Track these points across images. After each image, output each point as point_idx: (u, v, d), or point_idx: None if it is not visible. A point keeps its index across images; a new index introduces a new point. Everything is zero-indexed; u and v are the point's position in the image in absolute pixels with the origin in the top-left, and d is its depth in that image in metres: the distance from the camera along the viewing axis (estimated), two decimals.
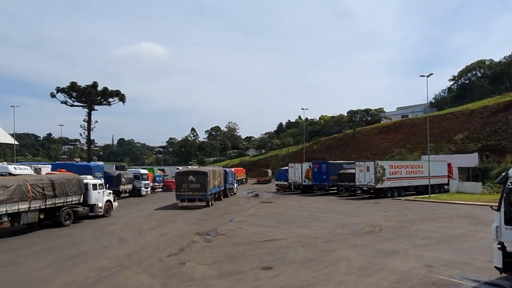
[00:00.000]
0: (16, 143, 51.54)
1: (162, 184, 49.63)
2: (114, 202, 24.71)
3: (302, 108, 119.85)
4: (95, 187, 22.60)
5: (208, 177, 28.39)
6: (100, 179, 25.16)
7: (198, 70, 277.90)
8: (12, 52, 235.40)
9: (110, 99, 67.21)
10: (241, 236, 16.50)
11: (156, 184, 47.71)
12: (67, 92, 64.44)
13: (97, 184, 23.02)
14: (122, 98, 67.30)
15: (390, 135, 73.54)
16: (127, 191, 38.40)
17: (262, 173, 72.12)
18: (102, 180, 25.26)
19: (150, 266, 11.53)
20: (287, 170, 46.92)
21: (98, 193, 22.83)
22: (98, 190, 22.86)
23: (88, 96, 64.56)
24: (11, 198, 16.34)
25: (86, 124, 66.10)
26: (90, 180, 23.16)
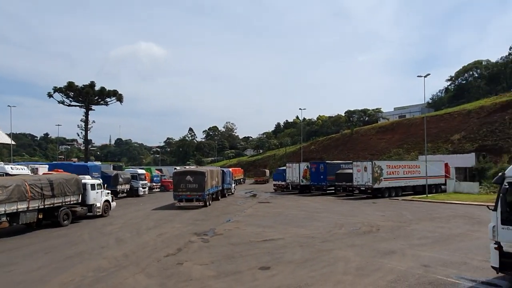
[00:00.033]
0: (13, 143, 51.39)
1: (159, 184, 49.55)
2: (112, 202, 24.72)
3: (300, 108, 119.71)
4: (93, 187, 22.58)
5: (206, 177, 28.37)
6: (98, 179, 25.12)
7: (196, 70, 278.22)
8: (9, 51, 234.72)
9: (108, 99, 67.05)
10: (238, 236, 16.49)
11: (153, 184, 47.63)
12: (64, 92, 64.22)
13: (95, 184, 23.02)
14: (119, 98, 67.15)
15: (388, 135, 73.72)
16: (125, 191, 38.29)
17: (259, 173, 72.12)
18: (100, 180, 25.21)
19: (147, 266, 11.51)
20: (284, 170, 46.96)
21: (97, 193, 22.83)
22: (97, 190, 22.85)
23: (86, 96, 64.37)
24: (10, 198, 16.33)
25: (83, 124, 65.96)
26: (89, 180, 23.15)
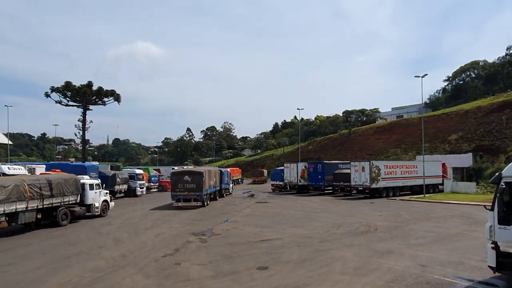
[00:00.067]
0: (10, 143, 51.19)
1: (157, 184, 49.47)
2: (111, 202, 24.81)
3: (298, 108, 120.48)
4: (91, 187, 22.67)
5: (204, 177, 28.34)
6: (96, 179, 25.16)
7: (194, 70, 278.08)
8: (7, 51, 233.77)
9: (105, 99, 66.82)
10: (236, 236, 16.49)
11: (151, 184, 47.56)
12: (62, 92, 63.96)
13: (93, 184, 23.10)
14: (117, 98, 66.95)
15: (385, 135, 73.87)
16: (122, 191, 38.26)
17: (257, 173, 72.12)
18: (99, 180, 25.24)
19: (145, 266, 11.50)
20: (282, 170, 46.99)
21: (95, 193, 22.91)
22: (95, 190, 22.94)
23: (83, 95, 64.14)
24: (9, 198, 16.37)
25: (81, 124, 65.72)
26: (87, 180, 23.25)
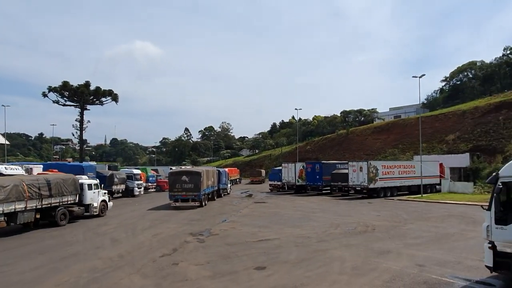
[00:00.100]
0: (7, 143, 51.04)
1: (155, 184, 49.38)
2: (109, 202, 24.86)
3: (296, 108, 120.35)
4: (90, 187, 22.71)
5: (202, 177, 28.32)
6: (95, 179, 25.18)
7: (192, 70, 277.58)
8: (4, 50, 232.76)
9: (103, 99, 66.78)
10: (234, 236, 16.49)
11: (149, 184, 47.44)
12: (59, 92, 63.87)
13: (92, 184, 23.14)
14: (115, 98, 66.89)
15: (383, 135, 74.03)
16: (120, 191, 38.15)
17: (255, 173, 72.15)
18: (97, 180, 25.24)
19: (143, 266, 11.48)
20: (280, 170, 46.96)
21: (93, 193, 22.96)
22: (93, 190, 22.99)
23: (81, 95, 64.05)
24: (8, 198, 16.41)
25: (78, 123, 65.68)
26: (86, 180, 23.31)
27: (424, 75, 36.78)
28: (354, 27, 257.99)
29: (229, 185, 44.44)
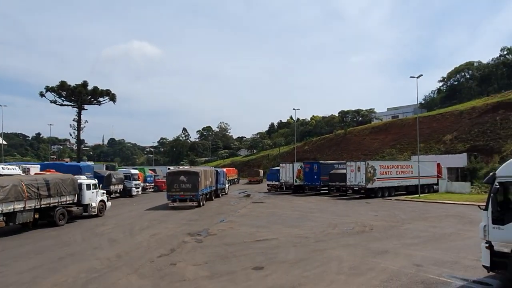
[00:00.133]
0: (4, 143, 50.86)
1: (153, 184, 49.33)
2: (108, 202, 24.89)
3: (294, 108, 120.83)
4: (88, 187, 22.75)
5: (200, 177, 28.30)
6: (93, 179, 25.19)
7: (190, 69, 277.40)
8: (0, 50, 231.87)
9: (101, 99, 66.55)
10: (232, 236, 16.49)
11: (147, 184, 47.40)
12: (57, 91, 63.60)
13: (90, 184, 23.18)
14: (112, 98, 66.69)
15: (381, 135, 74.15)
16: (118, 191, 38.07)
17: (253, 173, 72.13)
18: (96, 180, 25.24)
19: (140, 267, 11.46)
20: (278, 170, 47.01)
21: (92, 193, 22.99)
22: (92, 190, 23.02)
23: (78, 95, 63.83)
24: (7, 198, 16.42)
25: (76, 123, 65.41)
26: (84, 180, 23.35)
27: (421, 75, 36.86)
28: (352, 28, 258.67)
29: (227, 185, 44.43)
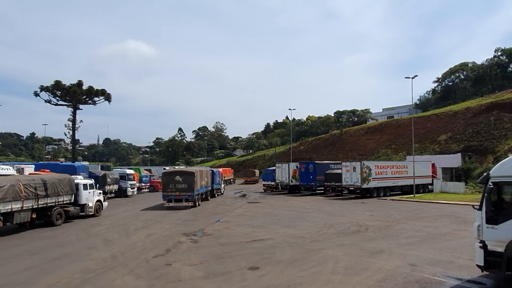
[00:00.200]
0: None
1: (148, 184, 49.16)
2: (104, 202, 24.98)
3: (290, 109, 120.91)
4: (85, 187, 22.80)
5: (195, 177, 28.25)
6: (90, 179, 25.18)
7: (186, 69, 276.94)
8: None
9: (96, 98, 66.24)
10: (228, 236, 16.47)
11: (142, 184, 47.22)
12: (51, 91, 63.22)
13: (87, 184, 23.23)
14: (107, 97, 66.40)
15: (376, 135, 74.46)
16: (113, 191, 37.92)
17: (249, 173, 72.19)
18: (92, 180, 25.21)
19: (136, 267, 11.41)
20: (274, 170, 47.05)
21: (89, 193, 23.04)
22: (89, 190, 23.06)
23: (73, 95, 63.48)
24: (5, 197, 16.41)
25: (70, 123, 65.03)
26: (81, 180, 23.39)
27: (416, 76, 37.24)
28: (348, 28, 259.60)
29: (222, 185, 44.38)
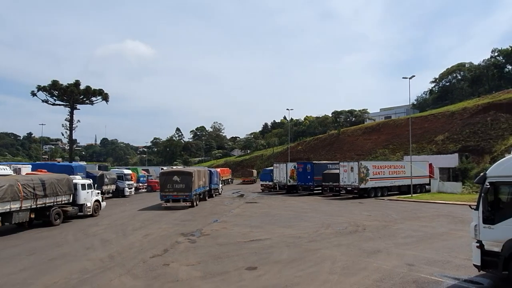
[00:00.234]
0: None
1: (146, 184, 49.08)
2: (102, 202, 25.00)
3: (287, 109, 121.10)
4: (84, 187, 22.84)
5: (193, 177, 28.22)
6: (88, 179, 25.18)
7: (184, 69, 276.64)
8: None
9: (93, 98, 66.07)
10: (225, 236, 16.46)
11: (140, 184, 47.15)
12: (48, 91, 63.01)
13: (86, 184, 23.26)
14: (105, 97, 66.24)
15: (374, 135, 74.58)
16: (110, 191, 37.82)
17: (247, 173, 72.15)
18: (91, 180, 25.20)
19: (133, 267, 11.39)
20: (272, 170, 47.08)
21: (87, 193, 23.08)
22: (87, 190, 23.10)
23: (70, 94, 63.28)
24: (3, 198, 16.41)
25: (68, 123, 64.81)
26: (79, 180, 23.44)
27: (414, 76, 37.28)
28: (346, 29, 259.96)
29: (220, 185, 44.38)
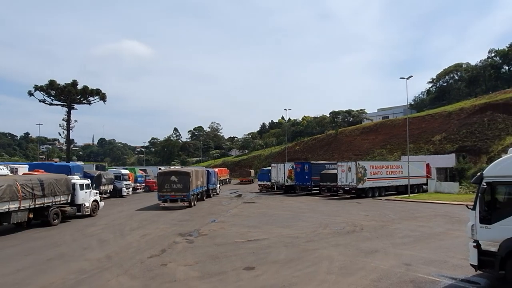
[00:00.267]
0: None
1: (143, 184, 49.00)
2: (101, 202, 25.03)
3: (285, 109, 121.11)
4: (82, 187, 22.86)
5: (191, 177, 28.19)
6: (87, 179, 25.15)
7: (181, 69, 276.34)
8: None
9: (91, 98, 66.06)
10: (223, 236, 16.46)
11: (137, 184, 47.06)
12: (46, 91, 62.93)
13: (84, 184, 23.27)
14: (102, 97, 66.20)
15: (371, 136, 74.74)
16: (108, 191, 37.75)
17: (245, 173, 72.16)
18: (89, 180, 25.17)
19: (131, 267, 11.37)
20: (269, 170, 47.11)
21: (85, 193, 23.10)
22: (85, 190, 23.11)
23: (68, 94, 63.21)
24: (2, 198, 16.40)
25: (65, 123, 64.78)
26: (78, 180, 23.47)
27: (411, 76, 37.41)
28: (343, 29, 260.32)
29: (218, 185, 44.38)
